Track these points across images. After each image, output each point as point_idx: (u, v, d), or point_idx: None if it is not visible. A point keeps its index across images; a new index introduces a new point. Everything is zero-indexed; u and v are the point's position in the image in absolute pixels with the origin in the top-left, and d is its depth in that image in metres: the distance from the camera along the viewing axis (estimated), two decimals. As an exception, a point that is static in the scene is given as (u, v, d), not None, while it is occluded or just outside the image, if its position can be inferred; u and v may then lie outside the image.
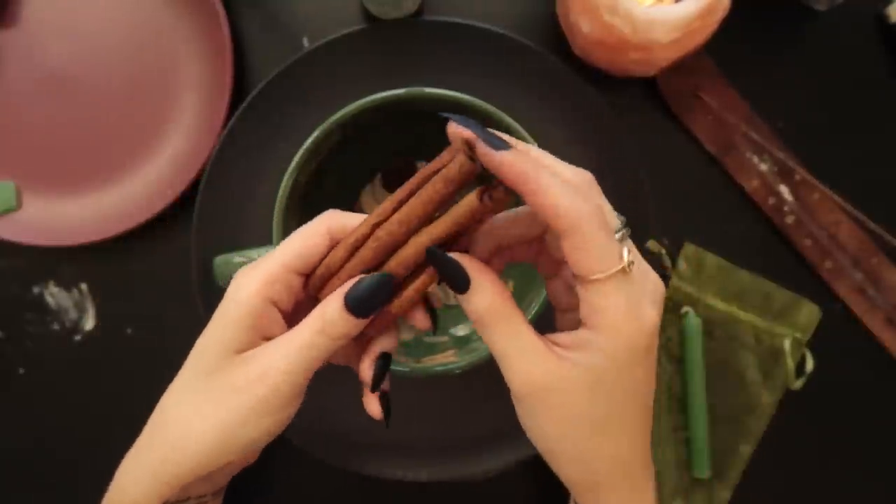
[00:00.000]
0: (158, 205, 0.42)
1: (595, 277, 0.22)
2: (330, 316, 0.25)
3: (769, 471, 0.44)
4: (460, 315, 0.42)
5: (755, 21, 0.44)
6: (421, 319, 0.27)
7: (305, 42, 0.44)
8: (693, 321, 0.43)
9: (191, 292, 0.43)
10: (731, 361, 0.43)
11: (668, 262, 0.43)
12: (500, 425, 0.42)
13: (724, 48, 0.43)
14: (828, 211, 0.43)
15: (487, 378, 0.40)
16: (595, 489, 0.25)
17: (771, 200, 0.43)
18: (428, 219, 0.24)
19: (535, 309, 0.35)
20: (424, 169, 0.24)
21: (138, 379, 0.44)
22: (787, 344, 0.42)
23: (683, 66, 0.43)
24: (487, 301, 0.24)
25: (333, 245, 0.26)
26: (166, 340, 0.44)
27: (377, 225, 0.25)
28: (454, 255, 0.24)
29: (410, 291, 0.25)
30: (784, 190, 0.43)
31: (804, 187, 0.43)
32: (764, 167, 0.43)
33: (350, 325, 0.25)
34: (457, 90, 0.34)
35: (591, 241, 0.22)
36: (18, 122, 0.44)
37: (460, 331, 0.41)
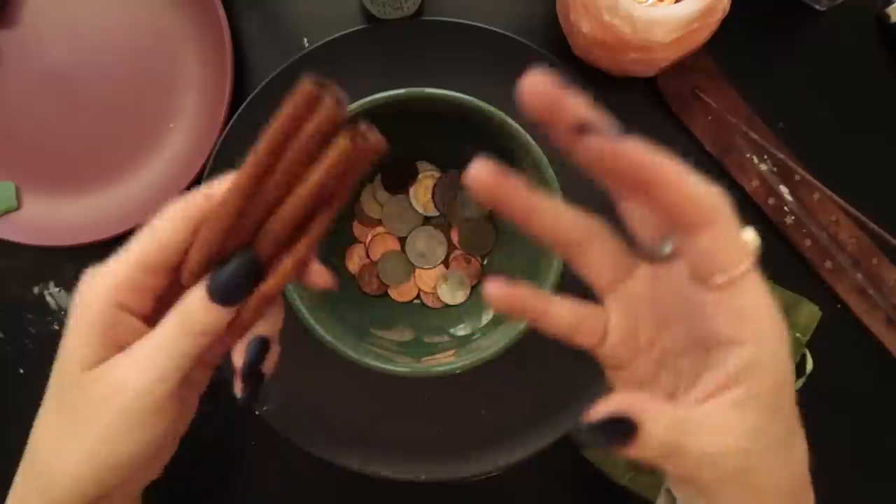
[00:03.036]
0: (158, 205, 0.42)
1: (741, 271, 0.19)
2: (190, 309, 0.22)
3: (769, 471, 0.44)
4: (460, 315, 0.42)
5: (755, 21, 0.44)
6: (319, 276, 0.24)
7: (305, 42, 0.44)
8: (693, 321, 0.42)
9: (191, 292, 0.43)
10: (731, 361, 0.43)
11: (668, 262, 0.43)
12: (500, 425, 0.42)
13: (724, 48, 0.43)
14: (828, 211, 0.43)
15: (487, 378, 0.40)
16: None
17: (771, 200, 0.43)
18: (297, 179, 0.21)
19: (550, 286, 0.35)
20: (273, 128, 0.21)
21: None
22: (787, 344, 0.42)
23: (683, 66, 0.43)
24: (666, 421, 0.20)
25: (197, 229, 0.23)
26: (166, 340, 0.44)
27: (248, 194, 0.21)
28: (594, 412, 0.20)
29: (288, 264, 0.22)
30: (784, 190, 0.43)
31: (804, 187, 0.43)
32: (764, 167, 0.43)
33: (214, 316, 0.22)
34: (457, 90, 0.34)
35: (733, 231, 0.19)
36: (18, 122, 0.44)
37: (460, 331, 0.41)
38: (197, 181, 0.42)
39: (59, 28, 0.44)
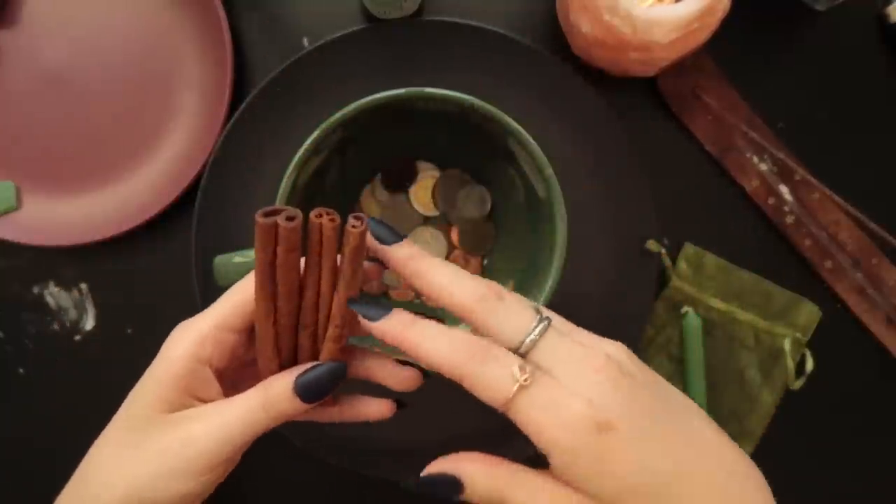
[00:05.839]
0: (158, 205, 0.42)
1: (504, 407, 0.23)
2: (275, 395, 0.25)
3: (769, 471, 0.44)
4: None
5: (755, 21, 0.44)
6: (406, 381, 0.28)
7: (305, 42, 0.44)
8: (693, 321, 0.43)
9: (191, 292, 0.43)
10: (731, 361, 0.43)
11: (668, 262, 0.43)
12: (499, 426, 0.42)
13: (724, 48, 0.43)
14: (828, 211, 0.43)
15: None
16: None
17: (771, 200, 0.43)
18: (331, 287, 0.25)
19: (551, 284, 0.35)
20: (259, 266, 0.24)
21: (138, 379, 0.44)
22: (787, 344, 0.42)
23: (683, 66, 0.43)
24: (489, 480, 0.24)
25: None
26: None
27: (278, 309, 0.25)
28: (429, 469, 0.24)
29: (330, 344, 0.26)
30: (784, 190, 0.43)
31: (804, 187, 0.43)
32: (764, 167, 0.43)
33: (295, 407, 0.25)
34: (457, 90, 0.34)
35: (480, 379, 0.23)
36: (18, 122, 0.44)
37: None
38: (197, 181, 0.42)
39: (58, 28, 0.44)
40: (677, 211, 0.44)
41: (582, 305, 0.41)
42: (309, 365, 0.26)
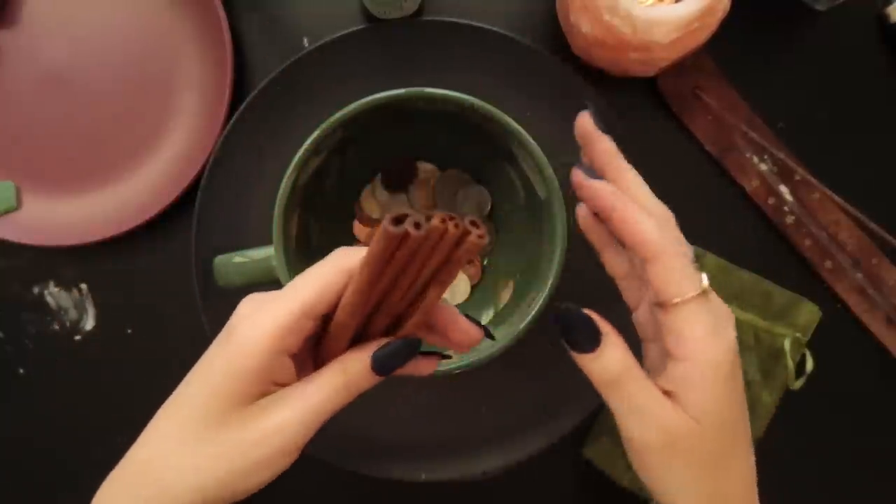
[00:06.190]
0: (158, 205, 0.42)
1: (677, 301, 0.24)
2: (353, 372, 0.25)
3: (769, 471, 0.44)
4: (460, 315, 0.42)
5: (755, 21, 0.44)
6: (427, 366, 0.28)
7: (305, 42, 0.44)
8: (693, 321, 0.42)
9: (191, 292, 0.43)
10: (731, 361, 0.43)
11: (668, 262, 0.43)
12: (499, 425, 0.42)
13: (724, 48, 0.43)
14: (828, 211, 0.43)
15: (487, 378, 0.40)
16: None
17: (771, 200, 0.43)
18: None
19: (538, 307, 0.35)
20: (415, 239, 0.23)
21: (138, 379, 0.44)
22: (787, 344, 0.42)
23: (683, 66, 0.43)
24: (622, 358, 0.25)
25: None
26: (166, 340, 0.44)
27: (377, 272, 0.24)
28: (586, 311, 0.25)
29: (409, 328, 0.26)
30: (784, 190, 0.43)
31: (804, 187, 0.43)
32: (764, 167, 0.43)
33: (371, 381, 0.25)
34: (457, 90, 0.34)
35: (674, 267, 0.24)
36: (18, 122, 0.44)
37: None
38: (197, 181, 0.42)
39: (58, 28, 0.44)
40: (677, 211, 0.44)
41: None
42: (384, 341, 0.26)
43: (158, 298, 0.44)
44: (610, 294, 0.31)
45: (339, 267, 0.25)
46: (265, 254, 0.36)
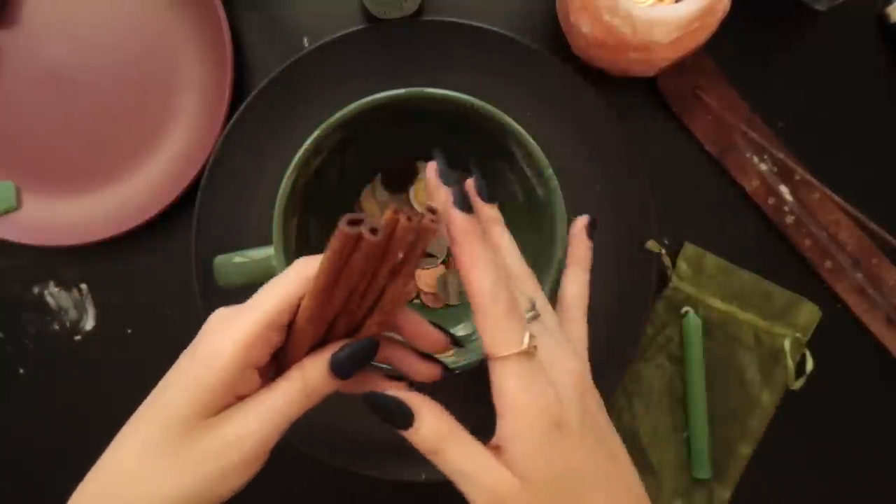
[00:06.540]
0: (158, 205, 0.42)
1: (498, 355, 0.24)
2: (312, 377, 0.25)
3: (769, 471, 0.44)
4: (460, 315, 0.42)
5: (755, 21, 0.44)
6: (426, 370, 0.28)
7: (305, 42, 0.44)
8: (693, 321, 0.43)
9: (191, 292, 0.43)
10: (731, 361, 0.43)
11: (668, 263, 0.43)
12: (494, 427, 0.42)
13: (724, 48, 0.43)
14: (828, 211, 0.43)
15: (487, 378, 0.40)
16: None
17: (771, 200, 0.43)
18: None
19: (550, 283, 0.35)
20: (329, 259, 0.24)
21: (138, 379, 0.44)
22: (787, 344, 0.42)
23: (683, 66, 0.43)
24: (435, 427, 0.25)
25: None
26: (166, 340, 0.44)
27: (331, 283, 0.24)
28: (392, 393, 0.25)
29: (372, 328, 0.26)
30: (784, 190, 0.43)
31: (804, 187, 0.43)
32: (764, 167, 0.43)
33: (331, 385, 0.26)
34: (457, 90, 0.34)
35: (498, 321, 0.24)
36: (18, 122, 0.44)
37: (460, 331, 0.41)
38: (197, 181, 0.42)
39: (58, 28, 0.44)
40: (677, 211, 0.44)
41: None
42: (341, 343, 0.26)
43: (158, 298, 0.44)
44: (611, 294, 0.31)
45: (301, 276, 0.25)
46: (265, 254, 0.36)
